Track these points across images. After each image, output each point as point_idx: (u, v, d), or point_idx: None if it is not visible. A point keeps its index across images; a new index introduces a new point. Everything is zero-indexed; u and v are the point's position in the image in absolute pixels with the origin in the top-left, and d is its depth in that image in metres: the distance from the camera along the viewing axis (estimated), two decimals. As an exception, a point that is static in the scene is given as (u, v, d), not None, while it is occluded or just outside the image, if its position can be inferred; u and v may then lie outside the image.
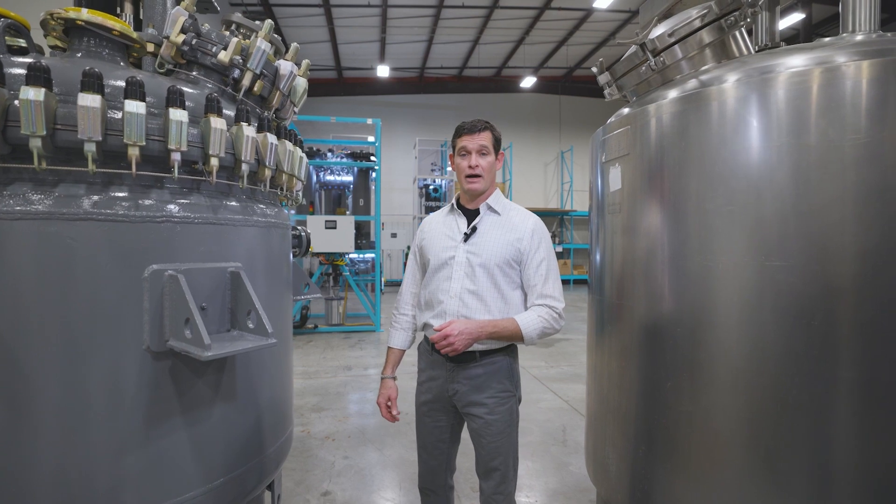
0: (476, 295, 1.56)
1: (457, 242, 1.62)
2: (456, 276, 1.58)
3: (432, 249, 1.67)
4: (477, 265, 1.57)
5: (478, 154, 1.58)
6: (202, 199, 1.28)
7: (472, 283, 1.57)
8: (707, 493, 1.44)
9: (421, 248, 1.73)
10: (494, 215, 1.64)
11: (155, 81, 1.22)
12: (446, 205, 1.76)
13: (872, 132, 1.18)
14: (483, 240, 1.60)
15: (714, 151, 1.41)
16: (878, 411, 1.20)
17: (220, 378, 1.30)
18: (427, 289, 1.67)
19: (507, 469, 1.59)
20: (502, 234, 1.60)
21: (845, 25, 1.47)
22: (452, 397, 1.62)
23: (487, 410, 1.57)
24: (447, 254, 1.62)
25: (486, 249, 1.58)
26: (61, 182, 1.08)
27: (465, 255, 1.59)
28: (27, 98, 0.95)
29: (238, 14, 1.53)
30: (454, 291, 1.58)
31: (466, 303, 1.56)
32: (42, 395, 1.07)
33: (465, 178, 1.60)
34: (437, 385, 1.64)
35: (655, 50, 1.65)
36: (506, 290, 1.58)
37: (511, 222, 1.62)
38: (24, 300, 1.06)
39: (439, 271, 1.63)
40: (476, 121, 1.60)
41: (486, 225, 1.62)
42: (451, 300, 1.57)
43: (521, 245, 1.59)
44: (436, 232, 1.70)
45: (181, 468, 1.23)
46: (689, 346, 1.47)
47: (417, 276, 1.77)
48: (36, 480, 1.07)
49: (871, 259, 1.18)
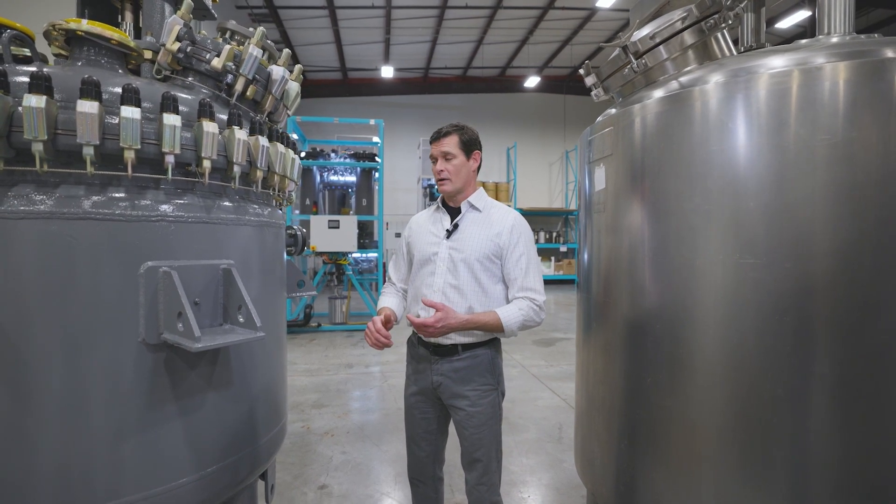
0: (458, 289, 1.62)
1: (440, 239, 1.69)
2: (439, 272, 1.65)
3: (417, 245, 1.74)
4: (459, 260, 1.63)
5: (442, 159, 1.67)
6: (196, 199, 1.34)
7: (453, 278, 1.63)
8: (686, 485, 1.47)
9: (408, 244, 1.81)
10: (475, 212, 1.71)
11: (151, 88, 1.29)
12: (433, 203, 1.84)
13: (844, 132, 1.21)
14: (464, 236, 1.66)
15: (692, 152, 1.45)
16: (850, 404, 1.23)
17: (213, 370, 1.36)
18: (413, 284, 1.75)
19: (490, 461, 1.64)
20: (482, 229, 1.66)
21: (821, 27, 1.50)
22: (437, 389, 1.67)
23: (469, 403, 1.62)
24: (431, 250, 1.69)
25: (467, 245, 1.64)
26: (62, 183, 1.15)
27: (447, 251, 1.66)
28: (30, 105, 1.01)
29: (232, 22, 1.59)
30: (437, 286, 1.64)
31: (449, 297, 1.62)
32: (43, 384, 1.14)
33: (437, 181, 1.71)
34: (423, 377, 1.69)
35: (638, 52, 1.68)
36: (487, 284, 1.63)
37: (491, 219, 1.69)
38: (26, 295, 1.13)
39: (424, 267, 1.69)
40: (441, 128, 1.70)
41: (468, 222, 1.69)
42: (434, 294, 1.63)
43: (501, 240, 1.64)
44: (421, 229, 1.77)
45: (174, 455, 1.29)
46: (667, 342, 1.51)
47: (401, 266, 1.85)
48: (37, 465, 1.14)
49: (840, 256, 1.21)
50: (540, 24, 11.27)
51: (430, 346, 1.67)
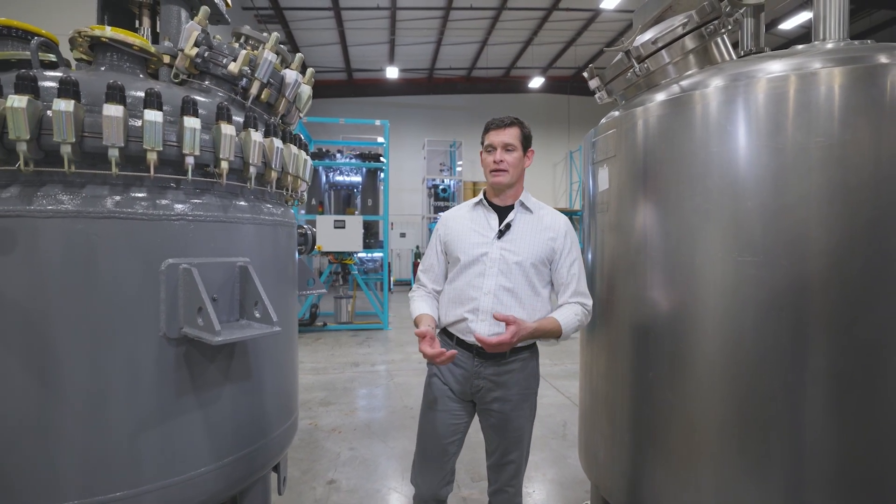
0: (511, 292, 1.55)
1: (489, 239, 1.60)
2: (490, 273, 1.56)
3: (461, 245, 1.62)
4: (513, 263, 1.56)
5: (503, 150, 1.58)
6: (214, 199, 1.39)
7: (507, 281, 1.55)
8: (687, 477, 1.51)
9: (446, 244, 1.69)
10: (528, 213, 1.64)
11: (170, 91, 1.34)
12: (471, 200, 1.74)
13: (837, 135, 1.25)
14: (519, 237, 1.59)
15: (692, 153, 1.49)
16: (843, 397, 1.26)
17: (230, 364, 1.41)
18: (453, 284, 1.63)
19: (521, 462, 1.64)
20: (538, 232, 1.60)
21: (816, 34, 1.54)
22: (475, 394, 1.60)
23: (511, 406, 1.58)
24: (479, 250, 1.59)
25: (522, 247, 1.57)
26: (87, 184, 1.20)
27: (499, 252, 1.57)
28: (59, 109, 1.07)
29: (247, 27, 1.64)
30: (488, 288, 1.55)
31: (502, 300, 1.54)
32: (69, 376, 1.19)
33: (490, 172, 1.60)
34: (462, 382, 1.61)
35: (640, 57, 1.72)
36: (538, 287, 1.58)
37: (544, 222, 1.63)
38: (54, 290, 1.18)
39: (470, 267, 1.59)
40: (505, 117, 1.61)
41: (521, 223, 1.61)
42: (485, 297, 1.55)
43: (556, 244, 1.60)
44: (462, 227, 1.66)
45: (193, 445, 1.34)
46: (668, 338, 1.55)
47: (434, 267, 1.72)
48: (63, 454, 1.19)
49: (833, 255, 1.25)
50: (544, 25, 11.31)
51: (474, 350, 1.58)
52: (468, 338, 1.57)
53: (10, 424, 1.16)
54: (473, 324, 1.56)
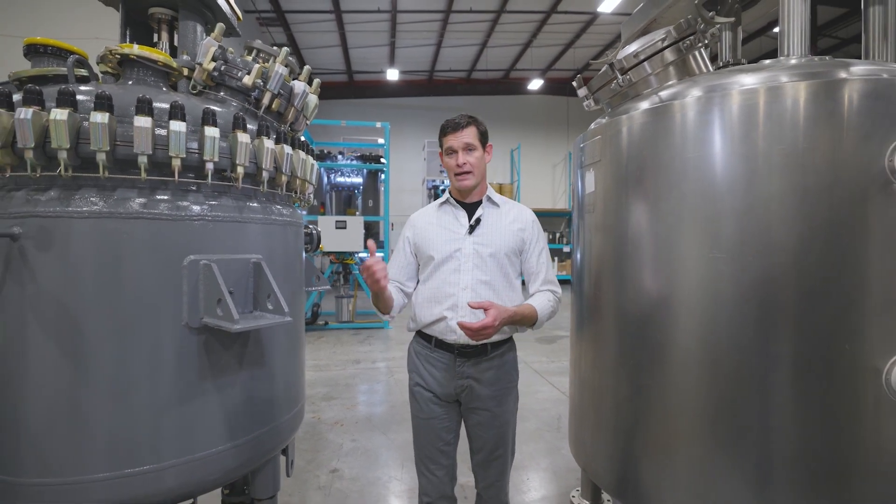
0: (489, 285, 1.58)
1: (460, 235, 1.62)
2: (465, 268, 1.58)
3: (433, 245, 1.64)
4: (487, 255, 1.58)
5: (464, 151, 1.59)
6: (229, 201, 1.52)
7: (483, 274, 1.58)
8: (664, 459, 1.63)
9: (416, 245, 1.72)
10: (495, 207, 1.68)
11: (190, 103, 1.46)
12: (436, 201, 1.76)
13: (797, 143, 1.37)
14: (490, 230, 1.62)
15: (670, 158, 1.61)
16: (802, 382, 1.38)
17: (244, 352, 1.54)
18: (428, 283, 1.64)
19: (507, 456, 1.67)
20: (507, 224, 1.64)
21: (781, 49, 1.67)
22: (460, 394, 1.62)
23: (496, 403, 1.60)
24: (452, 246, 1.61)
25: (495, 239, 1.60)
26: (118, 187, 1.33)
27: (473, 247, 1.60)
28: (96, 121, 1.19)
29: (258, 41, 1.77)
30: (465, 283, 1.57)
31: (479, 293, 1.56)
32: (101, 360, 1.32)
33: (455, 175, 1.62)
34: (445, 383, 1.63)
35: (623, 69, 1.85)
36: (512, 278, 1.63)
37: (511, 214, 1.68)
38: (88, 283, 1.31)
39: (444, 264, 1.61)
40: (459, 117, 1.61)
41: (490, 216, 1.65)
42: (462, 292, 1.57)
43: (525, 235, 1.65)
44: (431, 227, 1.69)
45: (211, 426, 1.46)
46: (648, 328, 1.66)
47: (403, 267, 1.74)
48: (93, 432, 1.32)
49: (791, 251, 1.38)
50: (543, 28, 11.43)
51: (455, 349, 1.61)
52: (448, 337, 1.59)
53: (48, 403, 1.29)
54: (454, 321, 1.57)
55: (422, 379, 1.68)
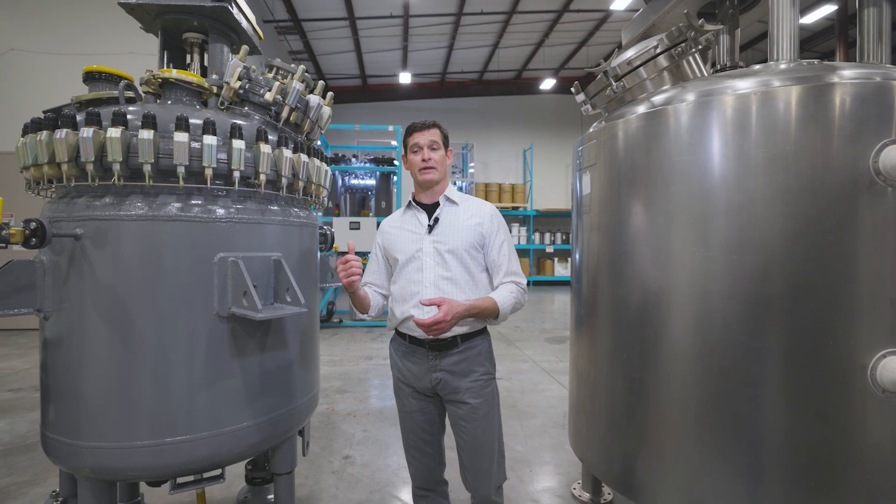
0: (451, 281, 1.65)
1: (421, 235, 1.70)
2: (427, 266, 1.66)
3: (398, 247, 1.74)
4: (445, 252, 1.65)
5: (429, 148, 1.71)
6: (253, 204, 1.71)
7: (445, 270, 1.65)
8: (655, 447, 1.74)
9: (385, 249, 1.82)
10: (453, 205, 1.75)
11: (219, 118, 1.66)
12: (402, 207, 1.85)
13: (782, 146, 1.45)
14: (447, 228, 1.69)
15: (661, 161, 1.71)
16: (786, 373, 1.46)
17: (266, 339, 1.72)
18: (397, 283, 1.73)
19: (493, 452, 1.67)
20: (464, 220, 1.70)
21: (771, 54, 1.76)
22: (436, 387, 1.67)
23: (473, 395, 1.64)
24: (414, 246, 1.70)
25: (451, 237, 1.67)
26: (159, 194, 1.53)
27: (432, 245, 1.68)
28: (143, 138, 1.39)
29: (278, 59, 1.96)
30: (428, 280, 1.65)
31: (442, 289, 1.63)
32: (145, 343, 1.52)
33: (419, 170, 1.72)
34: (420, 378, 1.70)
35: (617, 76, 1.97)
36: (475, 272, 1.69)
37: (469, 210, 1.74)
38: (133, 277, 1.51)
39: (409, 264, 1.70)
40: (425, 120, 1.77)
41: (448, 214, 1.72)
42: (426, 289, 1.64)
43: (483, 229, 1.70)
44: (396, 230, 1.78)
45: (237, 404, 1.65)
46: (640, 323, 1.78)
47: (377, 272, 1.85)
48: (138, 403, 1.52)
49: (780, 250, 1.46)
50: (555, 27, 11.48)
51: (427, 343, 1.66)
52: (418, 333, 1.65)
53: (103, 379, 1.49)
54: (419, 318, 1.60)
55: (401, 374, 1.76)
